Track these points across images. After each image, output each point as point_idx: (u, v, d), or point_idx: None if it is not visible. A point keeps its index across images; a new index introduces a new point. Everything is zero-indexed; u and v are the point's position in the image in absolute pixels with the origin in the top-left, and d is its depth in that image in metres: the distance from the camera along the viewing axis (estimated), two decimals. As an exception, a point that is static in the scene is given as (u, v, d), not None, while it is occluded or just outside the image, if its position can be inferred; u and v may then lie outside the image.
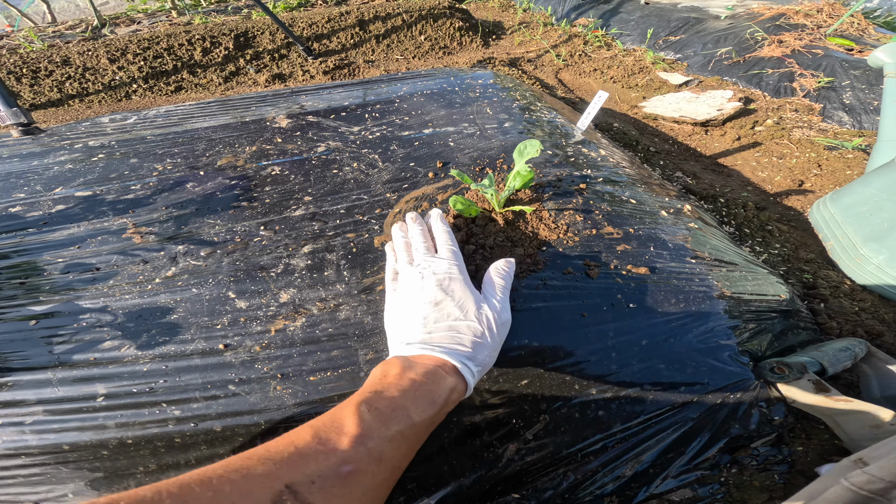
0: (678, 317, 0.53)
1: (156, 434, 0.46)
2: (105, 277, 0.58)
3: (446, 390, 0.40)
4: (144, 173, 0.77)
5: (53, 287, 0.57)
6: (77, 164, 0.79)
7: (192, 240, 0.63)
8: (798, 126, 1.34)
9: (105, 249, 0.62)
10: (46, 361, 0.50)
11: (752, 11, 1.88)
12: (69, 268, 0.59)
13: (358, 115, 1.00)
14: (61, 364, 0.50)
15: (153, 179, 0.76)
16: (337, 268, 0.61)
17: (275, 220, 0.68)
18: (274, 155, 0.85)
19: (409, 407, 0.37)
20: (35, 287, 0.57)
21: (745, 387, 0.51)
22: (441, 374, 0.40)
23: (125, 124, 0.96)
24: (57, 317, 0.54)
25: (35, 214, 0.68)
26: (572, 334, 0.52)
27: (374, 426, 0.35)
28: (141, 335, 0.52)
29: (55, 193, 0.72)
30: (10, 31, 2.55)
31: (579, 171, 0.76)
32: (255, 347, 0.50)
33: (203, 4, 2.85)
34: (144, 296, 0.56)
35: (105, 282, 0.57)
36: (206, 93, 1.80)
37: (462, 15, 2.41)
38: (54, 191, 0.73)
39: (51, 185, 0.74)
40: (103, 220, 0.67)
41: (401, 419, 0.36)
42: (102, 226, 0.66)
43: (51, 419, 0.46)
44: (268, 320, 0.53)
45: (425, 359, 0.42)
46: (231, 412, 0.46)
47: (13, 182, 0.75)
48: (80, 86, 1.67)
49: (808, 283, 0.77)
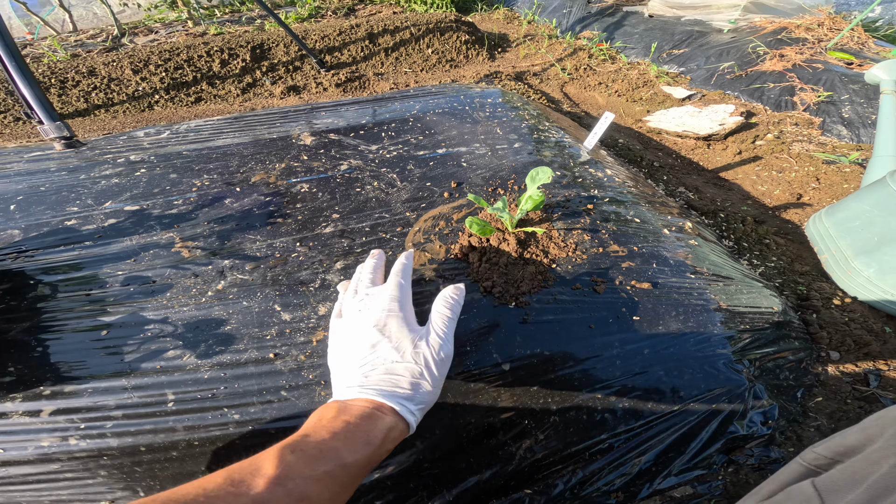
0: (678, 328, 0.59)
1: (218, 436, 0.50)
2: (162, 290, 0.63)
3: (383, 430, 0.40)
4: (185, 188, 0.83)
5: (117, 299, 0.62)
6: (122, 179, 0.86)
7: (237, 255, 0.69)
8: (798, 140, 1.39)
9: (158, 263, 0.67)
10: (120, 369, 0.55)
11: (754, 25, 1.93)
12: (128, 280, 0.65)
13: (375, 133, 1.06)
14: (133, 371, 0.55)
15: (193, 195, 0.82)
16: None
17: (308, 237, 0.74)
18: (301, 172, 0.91)
19: (340, 448, 0.38)
20: (100, 299, 0.62)
21: (740, 392, 0.56)
22: (377, 416, 0.41)
23: (159, 139, 1.02)
24: (125, 327, 0.59)
25: (89, 228, 0.74)
26: (580, 344, 0.58)
27: (296, 467, 0.35)
28: (199, 345, 0.57)
29: (105, 207, 0.78)
30: (31, 39, 2.63)
31: (587, 192, 0.82)
32: (301, 357, 0.56)
33: (217, 15, 2.93)
34: (200, 308, 0.61)
35: (163, 294, 0.63)
36: (224, 104, 1.87)
37: (468, 28, 2.47)
38: (104, 205, 0.79)
39: (101, 199, 0.80)
40: (152, 234, 0.73)
41: (329, 459, 0.37)
42: (152, 240, 0.72)
43: (128, 423, 0.51)
44: (309, 331, 0.59)
45: (362, 402, 0.42)
46: (284, 416, 0.52)
47: (65, 195, 0.81)
48: (106, 96, 1.75)
49: (801, 294, 0.83)
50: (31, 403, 0.52)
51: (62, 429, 0.51)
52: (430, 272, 0.67)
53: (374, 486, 0.51)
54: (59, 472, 0.50)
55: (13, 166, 0.90)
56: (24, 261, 0.69)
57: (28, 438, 0.51)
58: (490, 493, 0.54)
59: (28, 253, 0.70)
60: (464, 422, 0.54)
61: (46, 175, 0.87)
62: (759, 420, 0.56)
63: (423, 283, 0.65)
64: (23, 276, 0.67)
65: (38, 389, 0.54)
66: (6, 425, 0.51)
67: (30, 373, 0.55)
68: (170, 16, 2.79)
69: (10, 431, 0.51)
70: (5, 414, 0.52)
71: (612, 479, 0.52)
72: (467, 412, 0.54)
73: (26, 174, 0.87)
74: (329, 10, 3.10)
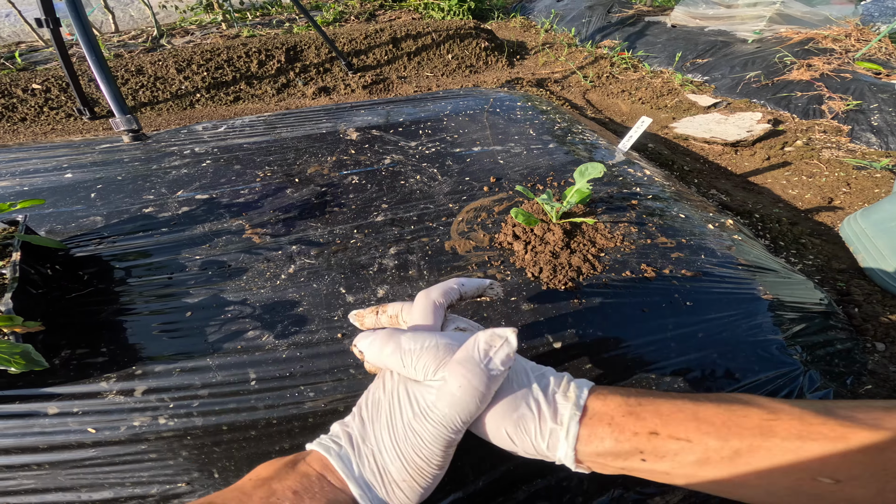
0: (729, 314, 0.62)
1: (294, 414, 0.52)
2: (238, 274, 0.68)
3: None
4: (249, 179, 0.89)
5: (197, 282, 0.66)
6: (190, 169, 0.92)
7: (303, 241, 0.74)
8: (827, 146, 1.41)
9: (232, 248, 0.72)
10: (204, 349, 0.57)
11: (779, 36, 1.96)
12: (206, 265, 0.69)
13: (413, 131, 1.11)
14: (216, 351, 0.57)
15: (257, 185, 0.87)
16: (418, 267, 0.71)
17: (363, 225, 0.79)
18: (351, 165, 0.96)
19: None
20: (182, 282, 0.66)
21: (795, 375, 0.59)
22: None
23: (217, 132, 1.09)
24: (206, 309, 0.62)
25: (165, 215, 0.79)
26: (634, 326, 0.61)
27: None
28: (276, 325, 0.60)
29: (178, 196, 0.84)
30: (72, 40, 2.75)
31: (628, 189, 0.86)
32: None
33: (249, 18, 3.03)
34: (276, 290, 0.65)
35: (239, 277, 0.67)
36: (261, 103, 1.94)
37: (487, 35, 2.53)
38: (176, 193, 0.85)
39: (173, 188, 0.86)
40: (223, 221, 0.78)
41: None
42: (223, 226, 0.77)
43: (213, 401, 0.52)
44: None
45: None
46: (353, 394, 0.54)
47: (140, 185, 0.87)
48: (151, 94, 1.83)
49: (841, 290, 0.85)
50: (125, 383, 0.54)
51: (153, 408, 0.52)
52: (475, 258, 0.71)
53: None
54: (144, 453, 0.50)
55: (87, 157, 0.97)
56: (108, 246, 0.73)
57: (121, 418, 0.52)
58: (537, 472, 0.52)
59: (110, 238, 0.75)
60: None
61: (121, 165, 0.93)
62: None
63: (471, 267, 0.69)
64: (107, 260, 0.71)
65: (130, 369, 0.56)
66: (100, 405, 0.53)
67: (121, 353, 0.57)
68: (204, 18, 2.90)
69: (105, 411, 0.52)
70: (99, 393, 0.53)
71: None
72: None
73: (102, 164, 0.94)
74: (352, 15, 3.20)
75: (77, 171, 0.92)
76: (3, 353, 0.48)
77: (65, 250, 0.71)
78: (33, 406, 0.53)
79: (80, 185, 0.87)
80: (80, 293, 0.65)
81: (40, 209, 0.81)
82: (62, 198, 0.84)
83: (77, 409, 0.53)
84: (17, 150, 1.03)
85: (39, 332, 0.57)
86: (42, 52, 2.39)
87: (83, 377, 0.55)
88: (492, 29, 2.73)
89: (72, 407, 0.53)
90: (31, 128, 1.65)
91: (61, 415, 0.52)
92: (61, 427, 0.52)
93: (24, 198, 0.84)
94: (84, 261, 0.71)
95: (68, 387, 0.54)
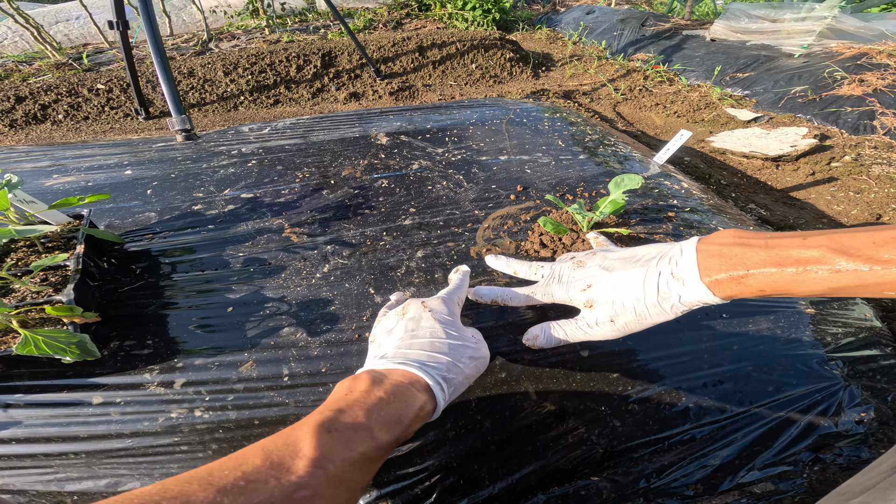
0: (767, 327, 0.61)
1: None
2: (277, 271, 0.71)
3: (415, 409, 0.38)
4: (289, 179, 0.94)
5: (240, 278, 0.69)
6: (237, 169, 0.98)
7: (337, 241, 0.78)
8: (877, 162, 1.35)
9: (272, 246, 0.76)
10: (242, 344, 0.59)
11: (829, 51, 1.88)
12: (248, 262, 0.73)
13: (440, 137, 1.13)
14: (253, 346, 0.58)
15: (297, 185, 0.92)
16: (444, 271, 0.73)
17: (392, 227, 0.81)
18: (381, 169, 1.00)
19: (375, 427, 0.36)
20: (225, 277, 0.69)
21: (835, 390, 0.58)
22: (412, 392, 0.39)
23: (262, 134, 1.15)
24: (247, 305, 0.64)
25: (212, 213, 0.85)
26: (666, 336, 0.60)
27: (334, 449, 0.33)
28: (310, 323, 0.62)
29: (225, 194, 0.90)
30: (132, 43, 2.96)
31: (664, 201, 0.85)
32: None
33: (288, 24, 3.17)
34: (311, 289, 0.67)
35: (278, 275, 0.70)
36: (297, 107, 2.03)
37: (512, 46, 2.53)
38: (223, 192, 0.90)
39: (220, 187, 0.92)
40: (264, 220, 0.83)
41: (365, 440, 0.35)
42: (265, 225, 0.81)
43: (248, 395, 0.54)
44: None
45: (397, 374, 0.41)
46: None
47: (191, 182, 0.93)
48: (200, 95, 1.95)
49: (886, 306, 0.81)
50: (166, 375, 0.56)
51: (190, 400, 0.54)
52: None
53: (440, 467, 0.51)
54: (175, 445, 0.51)
55: (145, 155, 1.05)
56: (159, 241, 0.78)
57: (160, 409, 0.53)
58: (555, 479, 0.54)
59: (161, 234, 0.79)
60: (534, 404, 0.55)
61: (174, 164, 1.00)
62: (854, 418, 0.57)
63: (496, 274, 0.70)
64: (157, 255, 0.74)
65: (171, 362, 0.57)
66: (142, 396, 0.54)
67: (165, 346, 0.59)
68: (250, 24, 3.06)
69: (145, 401, 0.54)
70: (142, 385, 0.55)
71: (691, 469, 0.53)
72: (540, 396, 0.55)
73: (158, 162, 1.01)
74: (380, 23, 3.29)
75: (136, 168, 0.99)
76: (61, 342, 0.49)
77: (122, 244, 0.76)
78: (80, 395, 0.55)
79: (139, 181, 0.94)
80: (132, 286, 0.68)
81: (101, 204, 0.86)
82: (122, 193, 0.91)
83: (120, 399, 0.54)
84: (81, 146, 1.12)
85: (94, 323, 0.59)
86: (106, 53, 2.59)
87: (129, 368, 0.57)
88: (516, 40, 2.73)
89: (115, 397, 0.55)
90: (92, 126, 1.79)
91: (105, 404, 0.54)
92: (104, 417, 0.53)
93: (88, 193, 0.91)
94: (137, 255, 0.74)
95: (114, 377, 0.56)
